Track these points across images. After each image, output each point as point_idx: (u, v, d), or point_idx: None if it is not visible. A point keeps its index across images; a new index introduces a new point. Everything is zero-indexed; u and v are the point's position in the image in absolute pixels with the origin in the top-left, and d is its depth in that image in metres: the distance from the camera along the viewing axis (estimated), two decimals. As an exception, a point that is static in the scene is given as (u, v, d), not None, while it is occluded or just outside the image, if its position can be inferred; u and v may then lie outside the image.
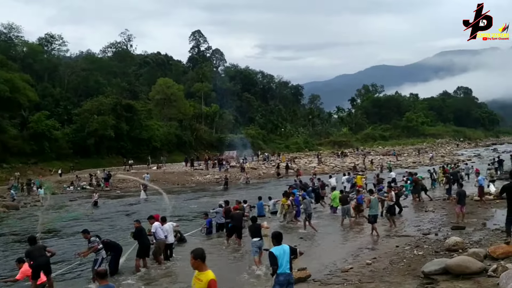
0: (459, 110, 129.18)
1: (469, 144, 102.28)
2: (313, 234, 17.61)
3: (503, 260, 9.78)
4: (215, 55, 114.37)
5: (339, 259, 13.36)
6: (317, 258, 13.84)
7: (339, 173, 41.53)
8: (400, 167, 50.43)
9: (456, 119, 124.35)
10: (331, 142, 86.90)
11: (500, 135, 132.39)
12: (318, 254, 14.45)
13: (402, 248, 13.77)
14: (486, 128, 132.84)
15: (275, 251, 7.72)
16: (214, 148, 67.71)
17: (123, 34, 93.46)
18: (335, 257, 13.72)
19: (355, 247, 14.94)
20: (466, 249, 11.89)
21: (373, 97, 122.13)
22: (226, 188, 37.81)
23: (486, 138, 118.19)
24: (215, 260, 13.91)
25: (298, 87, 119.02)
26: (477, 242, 13.51)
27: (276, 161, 58.59)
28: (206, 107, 75.88)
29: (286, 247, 7.91)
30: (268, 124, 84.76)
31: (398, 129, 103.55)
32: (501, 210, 18.75)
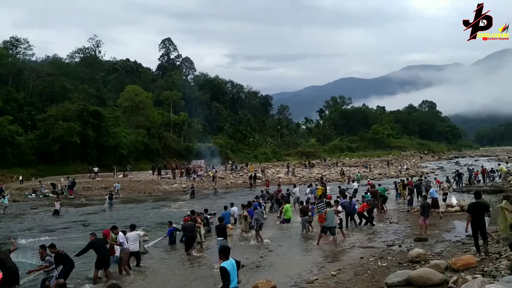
0: (423, 124, 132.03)
1: (432, 156, 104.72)
2: (279, 245, 17.67)
3: (463, 272, 10.00)
4: (184, 63, 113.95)
5: (304, 270, 13.43)
6: (283, 269, 13.87)
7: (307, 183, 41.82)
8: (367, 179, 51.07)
9: (420, 132, 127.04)
10: (299, 152, 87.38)
11: (462, 148, 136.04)
12: (283, 265, 14.47)
13: (367, 260, 13.95)
14: (449, 141, 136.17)
15: (227, 266, 7.64)
16: (182, 157, 67.19)
17: (91, 40, 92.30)
18: (301, 268, 13.78)
19: (320, 258, 15.06)
20: (428, 260, 12.11)
21: (341, 109, 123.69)
22: (193, 197, 37.55)
23: (449, 151, 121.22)
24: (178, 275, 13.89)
25: (267, 98, 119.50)
26: (438, 253, 13.80)
27: (244, 171, 58.70)
28: (175, 116, 75.38)
29: (233, 261, 7.92)
30: (237, 133, 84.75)
31: (365, 141, 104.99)
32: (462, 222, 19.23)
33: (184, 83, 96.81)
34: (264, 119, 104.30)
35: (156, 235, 19.84)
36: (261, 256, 15.66)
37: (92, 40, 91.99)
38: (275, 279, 12.30)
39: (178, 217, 22.42)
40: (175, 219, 21.33)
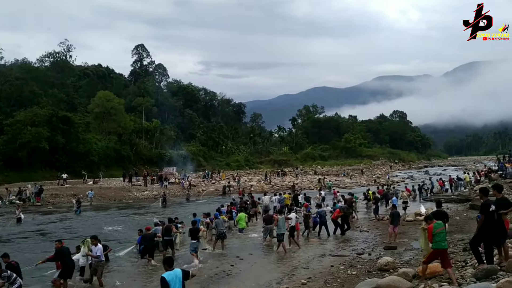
0: (394, 133, 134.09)
1: (403, 166, 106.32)
2: (250, 254, 17.65)
3: (430, 280, 10.15)
4: (157, 70, 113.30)
5: (275, 279, 13.45)
6: (253, 278, 13.85)
7: (278, 191, 41.93)
8: (338, 187, 51.52)
9: (391, 142, 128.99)
10: (272, 160, 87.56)
11: (432, 158, 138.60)
12: (253, 274, 14.46)
13: (337, 268, 14.05)
14: (419, 151, 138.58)
15: (167, 277, 7.73)
16: (154, 164, 66.53)
17: (62, 44, 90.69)
18: (271, 276, 13.80)
19: (291, 266, 15.09)
20: (396, 268, 12.28)
21: (314, 117, 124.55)
22: (164, 205, 37.16)
23: (419, 161, 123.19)
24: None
25: (241, 105, 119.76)
26: (407, 262, 14.00)
27: (216, 179, 58.52)
28: (147, 122, 74.70)
29: (179, 271, 7.97)
30: (209, 141, 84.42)
31: (337, 149, 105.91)
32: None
33: (157, 90, 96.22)
34: (237, 127, 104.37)
35: (125, 245, 19.49)
36: (232, 264, 15.62)
37: (63, 44, 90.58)
38: (246, 287, 12.28)
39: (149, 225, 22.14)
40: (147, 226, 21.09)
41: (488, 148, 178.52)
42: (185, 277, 7.98)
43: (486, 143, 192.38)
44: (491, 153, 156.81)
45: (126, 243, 19.82)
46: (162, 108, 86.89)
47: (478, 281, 8.82)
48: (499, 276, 8.75)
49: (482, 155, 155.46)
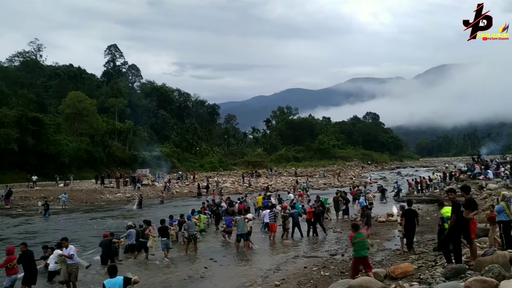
0: (367, 134, 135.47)
1: (376, 167, 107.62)
2: (224, 256, 17.61)
3: (401, 280, 10.30)
4: (131, 70, 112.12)
5: (248, 281, 13.44)
6: (227, 280, 13.83)
7: (252, 193, 42.02)
8: (312, 189, 51.83)
9: (364, 143, 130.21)
10: (246, 162, 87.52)
11: (404, 159, 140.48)
12: (228, 275, 14.43)
13: (310, 269, 14.13)
14: (391, 152, 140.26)
15: (107, 284, 8.32)
16: (127, 166, 65.79)
17: (32, 44, 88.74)
18: (245, 278, 13.80)
19: (264, 268, 15.10)
20: (369, 269, 12.40)
21: (288, 119, 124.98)
22: (140, 207, 36.81)
23: (391, 162, 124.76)
24: None
25: (215, 107, 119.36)
26: (379, 262, 14.18)
27: (190, 180, 58.24)
28: (120, 123, 73.76)
29: (120, 278, 8.42)
30: (183, 142, 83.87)
31: (311, 151, 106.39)
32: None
33: (130, 91, 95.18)
34: (211, 128, 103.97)
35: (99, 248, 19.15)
36: (205, 267, 15.55)
37: (33, 44, 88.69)
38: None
39: (122, 227, 21.89)
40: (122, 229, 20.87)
41: (458, 149, 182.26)
42: (125, 284, 8.42)
43: (456, 145, 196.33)
44: (461, 154, 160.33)
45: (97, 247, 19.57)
46: (135, 109, 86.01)
47: (447, 280, 8.98)
48: (468, 275, 8.93)
49: (452, 156, 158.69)
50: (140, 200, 37.91)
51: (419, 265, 11.94)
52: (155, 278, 14.49)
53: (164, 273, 15.19)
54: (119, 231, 20.47)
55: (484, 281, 7.61)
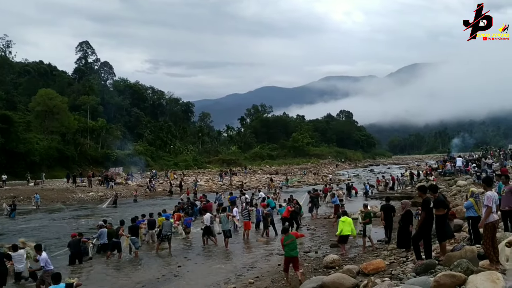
0: (341, 132, 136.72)
1: (349, 164, 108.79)
2: (198, 254, 17.56)
3: (374, 276, 10.42)
4: (103, 68, 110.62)
5: (222, 279, 13.43)
6: (201, 278, 13.78)
7: (226, 191, 41.94)
8: (286, 187, 52.06)
9: (338, 141, 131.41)
10: (220, 160, 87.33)
11: (377, 156, 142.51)
12: (201, 274, 14.38)
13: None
14: (365, 150, 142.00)
15: None
16: (100, 164, 64.88)
17: (1, 40, 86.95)
18: (219, 276, 13.77)
19: (238, 266, 15.11)
20: (342, 266, 12.51)
21: (262, 117, 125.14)
22: (115, 206, 36.44)
23: (364, 159, 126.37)
24: None
25: (189, 104, 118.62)
26: (352, 259, 14.33)
27: (164, 179, 57.81)
28: (92, 121, 72.66)
29: (62, 285, 8.81)
30: (157, 140, 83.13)
31: (285, 149, 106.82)
32: (375, 228, 20.03)
33: (102, 88, 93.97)
34: (185, 126, 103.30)
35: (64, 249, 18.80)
36: (179, 265, 15.48)
37: (2, 40, 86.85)
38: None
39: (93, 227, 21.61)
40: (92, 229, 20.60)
41: (429, 147, 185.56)
42: None
43: (427, 142, 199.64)
44: (432, 151, 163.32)
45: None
46: (108, 107, 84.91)
47: (417, 276, 9.15)
48: (437, 270, 9.10)
49: (424, 154, 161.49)
50: (115, 199, 37.57)
51: (391, 261, 12.11)
52: (128, 278, 14.36)
53: (137, 272, 15.06)
54: (92, 231, 20.22)
55: (452, 275, 7.76)
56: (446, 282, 7.60)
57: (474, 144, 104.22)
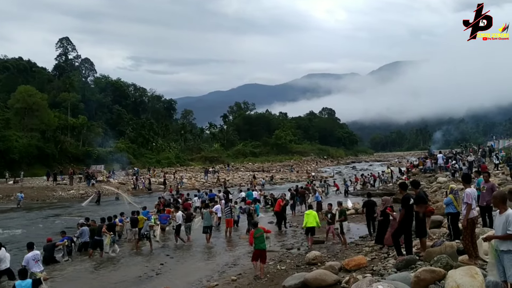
0: (323, 130, 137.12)
1: (331, 161, 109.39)
2: (180, 252, 17.52)
3: (355, 272, 10.53)
4: (84, 64, 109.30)
5: (205, 276, 13.44)
6: (183, 276, 13.77)
7: (209, 188, 41.88)
8: (269, 184, 52.18)
9: (321, 138, 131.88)
10: (203, 157, 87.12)
11: (359, 154, 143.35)
12: (184, 272, 14.38)
13: (267, 264, 14.20)
14: (347, 147, 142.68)
15: (17, 285, 9.22)
16: (81, 162, 64.14)
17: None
18: (201, 274, 13.78)
19: (221, 263, 15.13)
20: (324, 262, 12.61)
21: (245, 114, 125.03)
22: (98, 203, 36.14)
23: (346, 157, 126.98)
24: None
25: (171, 102, 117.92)
26: (334, 255, 14.43)
27: (146, 176, 57.40)
28: (73, 119, 71.77)
29: (29, 281, 9.40)
30: (139, 138, 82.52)
31: (268, 146, 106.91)
32: (356, 224, 20.25)
33: (83, 85, 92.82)
34: (168, 123, 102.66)
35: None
36: (161, 263, 15.43)
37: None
38: (175, 286, 12.21)
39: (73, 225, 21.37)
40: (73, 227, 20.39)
41: (411, 144, 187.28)
42: (34, 285, 9.48)
43: (408, 139, 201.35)
44: (413, 148, 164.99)
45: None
46: (89, 104, 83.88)
47: (398, 271, 9.26)
48: (418, 265, 9.22)
49: (405, 151, 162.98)
50: (98, 197, 37.27)
51: (372, 257, 12.23)
52: (110, 276, 14.28)
53: (119, 271, 14.99)
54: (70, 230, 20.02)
55: (432, 271, 7.88)
56: (426, 277, 7.71)
57: (454, 141, 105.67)
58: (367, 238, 16.93)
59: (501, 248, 6.28)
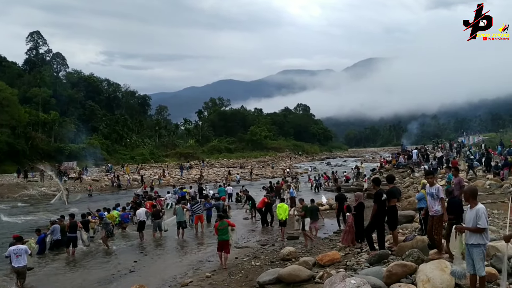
0: (298, 126, 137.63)
1: (306, 157, 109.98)
2: (154, 249, 17.40)
3: (329, 267, 10.60)
4: (55, 59, 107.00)
5: (179, 273, 13.36)
6: (157, 273, 13.66)
7: (184, 185, 41.70)
8: (244, 180, 52.19)
9: (296, 134, 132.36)
10: (178, 153, 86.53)
11: (333, 149, 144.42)
12: (158, 269, 14.26)
13: (241, 260, 14.24)
14: (322, 143, 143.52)
15: None
16: (53, 158, 62.92)
17: None
18: (176, 271, 13.70)
19: (195, 260, 15.07)
20: (298, 258, 12.65)
21: (220, 110, 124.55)
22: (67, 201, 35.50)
23: (321, 152, 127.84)
24: None
25: (146, 97, 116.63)
26: (308, 250, 14.50)
27: (120, 173, 56.81)
28: (44, 114, 70.37)
29: None
30: (113, 134, 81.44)
31: (243, 142, 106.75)
32: (330, 220, 20.40)
33: (55, 80, 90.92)
34: (142, 119, 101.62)
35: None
36: (135, 260, 15.28)
37: None
38: (149, 283, 12.08)
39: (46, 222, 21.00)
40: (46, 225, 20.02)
41: (384, 140, 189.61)
42: None
43: (382, 135, 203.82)
44: (387, 144, 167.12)
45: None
46: (61, 99, 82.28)
47: (371, 266, 9.37)
48: (390, 260, 9.35)
49: (379, 147, 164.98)
50: (67, 194, 36.64)
51: (346, 252, 12.34)
52: (83, 274, 14.08)
53: (92, 269, 14.78)
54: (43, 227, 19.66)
55: (404, 265, 8.00)
56: (398, 272, 7.82)
57: (427, 137, 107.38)
58: (340, 233, 17.02)
59: (470, 242, 6.43)
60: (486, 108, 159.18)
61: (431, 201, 9.14)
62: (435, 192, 9.02)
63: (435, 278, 7.08)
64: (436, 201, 8.99)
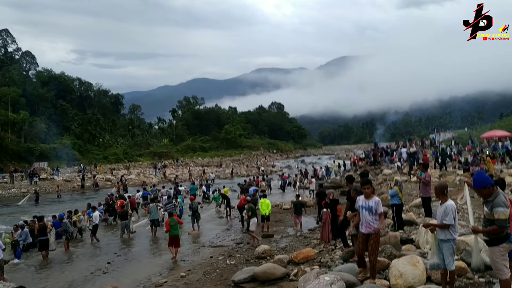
0: (273, 124, 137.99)
1: (281, 155, 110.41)
2: (128, 250, 17.22)
3: (303, 264, 10.66)
4: (25, 57, 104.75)
5: (154, 273, 13.24)
6: (131, 274, 13.52)
7: (159, 184, 41.35)
8: (219, 178, 52.10)
9: (270, 132, 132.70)
10: (152, 153, 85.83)
11: (308, 147, 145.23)
12: (132, 269, 14.13)
13: (216, 259, 14.19)
14: (296, 141, 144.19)
15: None
16: (23, 159, 61.66)
17: None
18: (150, 271, 13.58)
19: (170, 260, 14.96)
20: (273, 256, 12.68)
21: (194, 109, 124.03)
22: (38, 202, 34.89)
23: (295, 150, 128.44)
24: None
25: (118, 96, 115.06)
26: (283, 248, 14.56)
27: (93, 173, 56.02)
28: (14, 114, 68.85)
29: None
30: (85, 133, 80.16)
31: (218, 140, 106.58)
32: (305, 217, 20.52)
33: (24, 79, 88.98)
34: (115, 118, 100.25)
35: None
36: (108, 262, 15.09)
37: None
38: (123, 284, 11.96)
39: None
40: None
41: (358, 138, 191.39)
42: None
43: (356, 133, 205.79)
44: (360, 142, 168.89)
45: None
46: (31, 99, 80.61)
47: (345, 262, 9.45)
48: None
49: (353, 144, 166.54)
50: (37, 196, 35.98)
51: (320, 249, 12.42)
52: (56, 276, 13.84)
53: (64, 272, 14.53)
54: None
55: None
56: (371, 268, 7.88)
57: (399, 134, 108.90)
58: (315, 230, 17.14)
59: (440, 237, 6.54)
60: (456, 105, 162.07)
61: (368, 216, 7.51)
62: (374, 206, 7.49)
63: (407, 273, 7.19)
64: (374, 216, 7.49)
